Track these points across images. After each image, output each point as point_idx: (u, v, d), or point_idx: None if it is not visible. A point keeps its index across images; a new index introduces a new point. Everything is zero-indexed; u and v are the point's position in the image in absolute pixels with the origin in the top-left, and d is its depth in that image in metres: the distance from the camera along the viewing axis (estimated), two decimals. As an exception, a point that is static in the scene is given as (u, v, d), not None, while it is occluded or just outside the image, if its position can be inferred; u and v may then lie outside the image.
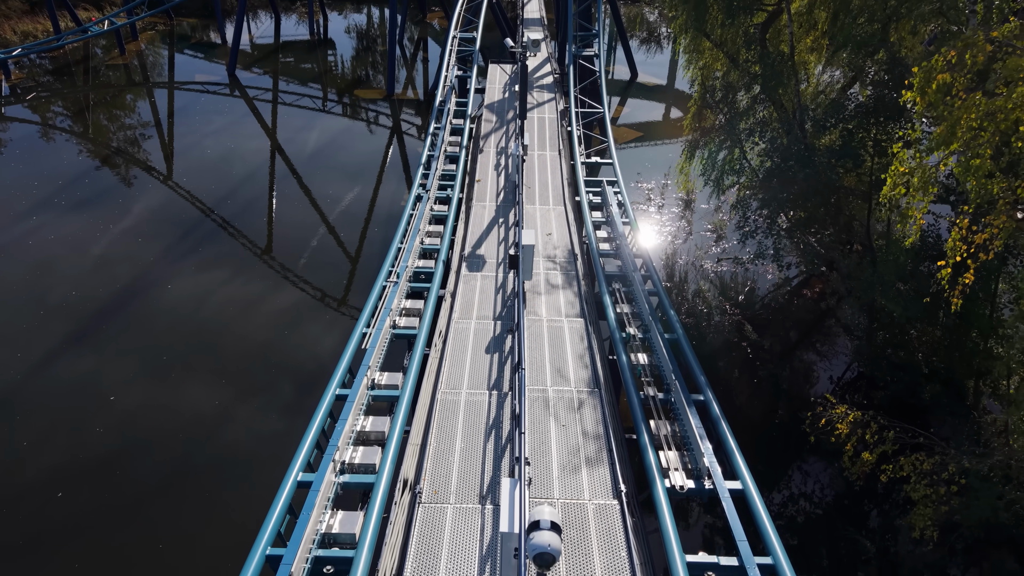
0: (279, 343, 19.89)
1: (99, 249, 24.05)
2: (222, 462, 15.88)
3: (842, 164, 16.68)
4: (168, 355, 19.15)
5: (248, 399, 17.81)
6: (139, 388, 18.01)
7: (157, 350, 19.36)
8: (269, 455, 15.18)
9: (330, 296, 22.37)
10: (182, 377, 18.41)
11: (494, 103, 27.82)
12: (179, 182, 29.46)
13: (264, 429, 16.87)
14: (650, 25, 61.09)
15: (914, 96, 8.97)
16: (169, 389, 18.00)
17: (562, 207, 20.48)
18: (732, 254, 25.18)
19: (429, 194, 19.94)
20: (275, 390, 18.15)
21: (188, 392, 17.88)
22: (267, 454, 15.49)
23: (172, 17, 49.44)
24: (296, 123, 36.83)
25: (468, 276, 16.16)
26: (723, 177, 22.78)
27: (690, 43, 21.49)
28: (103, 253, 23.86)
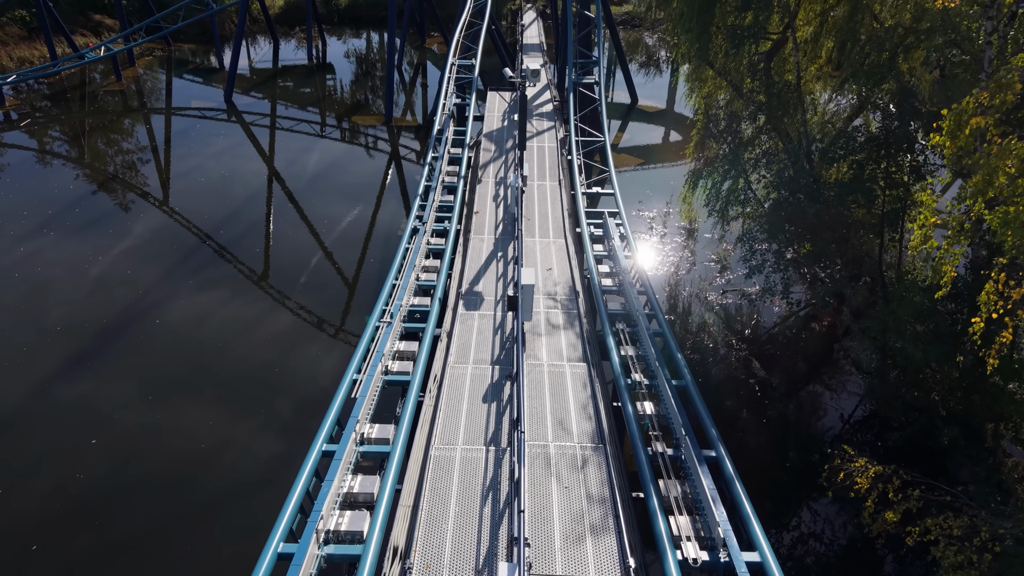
0: (278, 363, 19.59)
1: (92, 275, 23.48)
2: (215, 499, 15.24)
3: (853, 199, 16.10)
4: (167, 376, 18.87)
5: (246, 420, 17.45)
6: (135, 412, 17.61)
7: (156, 371, 19.12)
8: (266, 477, 15.37)
9: (330, 316, 22.10)
10: (180, 399, 18.07)
11: (493, 131, 27.35)
12: (176, 207, 29.07)
13: (263, 450, 16.57)
14: (649, 49, 61.02)
15: (943, 140, 8.38)
16: (167, 411, 17.69)
17: (563, 240, 19.87)
18: (737, 286, 24.54)
19: (426, 227, 19.34)
20: (273, 411, 17.79)
21: (185, 414, 17.60)
22: (265, 475, 15.54)
23: (170, 43, 49.31)
24: (294, 148, 36.40)
25: (465, 315, 15.48)
26: (728, 208, 22.22)
27: (693, 71, 21.01)
28: (98, 278, 23.34)
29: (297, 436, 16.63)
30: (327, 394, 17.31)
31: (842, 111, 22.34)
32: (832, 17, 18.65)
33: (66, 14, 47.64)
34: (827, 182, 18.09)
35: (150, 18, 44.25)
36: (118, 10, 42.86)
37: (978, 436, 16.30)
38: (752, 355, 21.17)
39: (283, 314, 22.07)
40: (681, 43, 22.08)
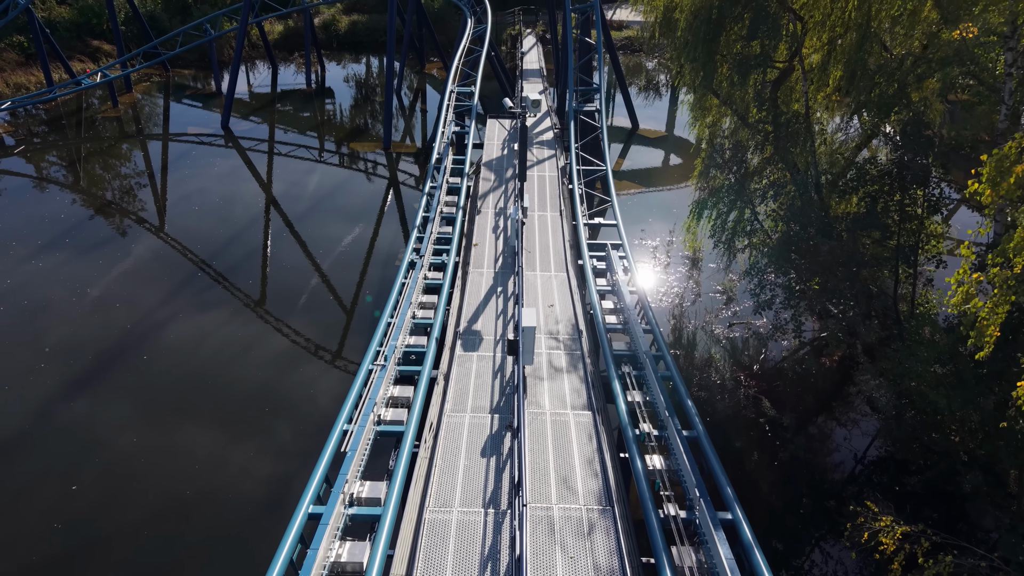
0: (277, 384, 19.57)
1: (92, 296, 22.92)
2: (211, 525, 14.96)
3: (867, 234, 15.47)
4: (164, 397, 18.77)
5: (244, 441, 17.37)
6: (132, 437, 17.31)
7: (153, 392, 19.02)
8: (264, 500, 15.40)
9: (330, 336, 22.07)
10: (178, 420, 17.99)
11: (492, 160, 26.82)
12: (171, 232, 28.78)
13: (261, 472, 16.41)
14: (649, 73, 60.93)
15: (983, 188, 7.74)
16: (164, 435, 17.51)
17: (564, 273, 19.20)
18: (744, 318, 23.85)
19: (423, 260, 18.70)
20: (271, 432, 17.74)
21: (183, 435, 17.49)
22: (262, 498, 15.52)
23: (168, 68, 49.09)
24: (292, 173, 35.95)
25: (463, 356, 14.75)
26: (734, 239, 21.61)
27: (697, 101, 20.50)
28: (97, 299, 22.91)
29: (294, 459, 16.61)
30: (326, 416, 17.55)
31: (850, 140, 21.81)
32: (840, 45, 18.16)
33: (64, 40, 47.53)
34: (838, 215, 17.48)
35: (148, 44, 44.05)
36: (116, 36, 42.64)
37: (1002, 482, 15.52)
38: (761, 392, 20.40)
39: (282, 335, 21.93)
40: (684, 70, 21.62)
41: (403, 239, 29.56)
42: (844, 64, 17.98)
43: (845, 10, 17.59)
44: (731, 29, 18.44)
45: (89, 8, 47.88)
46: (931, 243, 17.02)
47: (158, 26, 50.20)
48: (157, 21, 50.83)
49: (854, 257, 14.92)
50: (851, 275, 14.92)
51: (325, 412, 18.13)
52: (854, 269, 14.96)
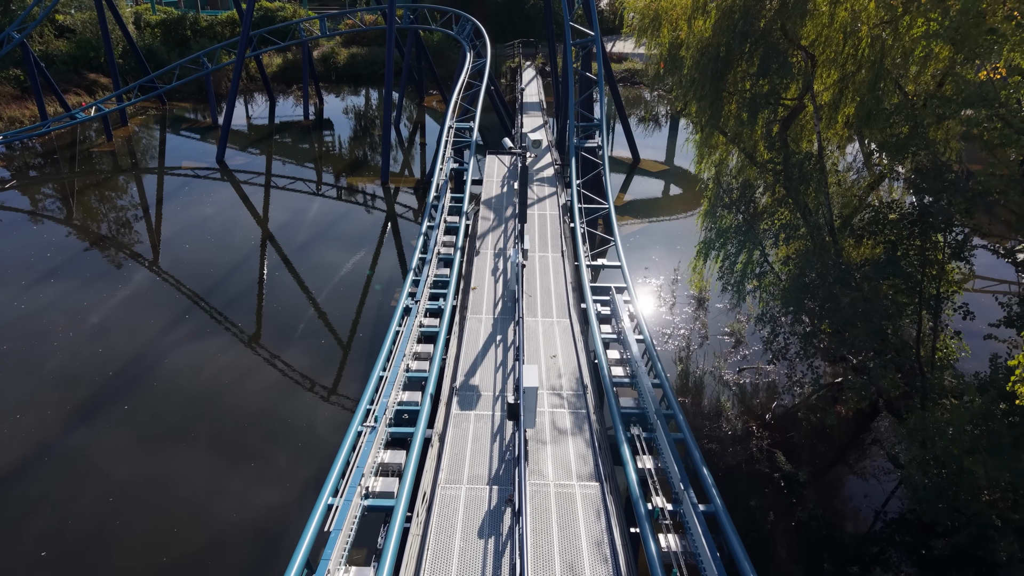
0: (274, 411, 19.46)
1: (93, 323, 21.95)
2: None
3: (890, 284, 14.59)
4: (161, 425, 18.71)
5: (241, 468, 17.25)
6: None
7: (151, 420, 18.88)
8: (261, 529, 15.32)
9: (328, 364, 21.89)
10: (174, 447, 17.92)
11: (492, 198, 26.08)
12: (165, 264, 28.54)
13: (257, 500, 16.23)
14: (648, 104, 60.78)
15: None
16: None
17: (567, 319, 18.29)
18: (754, 362, 22.88)
19: (419, 306, 17.80)
20: (268, 459, 17.60)
21: (179, 462, 17.50)
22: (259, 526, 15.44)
23: (165, 102, 48.73)
24: (289, 207, 35.43)
25: (460, 416, 13.77)
26: (744, 282, 20.73)
27: (703, 138, 19.78)
28: (97, 326, 21.88)
29: (292, 486, 16.66)
30: (323, 443, 17.86)
31: (863, 178, 21.06)
32: (852, 83, 17.48)
33: (61, 73, 47.27)
34: (855, 261, 16.60)
35: (144, 78, 43.71)
36: (111, 70, 42.30)
37: (1039, 548, 14.42)
38: (775, 444, 19.35)
39: (278, 364, 21.75)
40: (690, 108, 20.94)
41: (400, 272, 28.93)
42: (858, 103, 17.28)
43: (858, 47, 16.94)
44: (739, 66, 17.77)
45: (87, 42, 47.68)
46: (951, 289, 16.16)
47: (156, 59, 49.99)
48: (155, 54, 50.65)
49: (877, 309, 14.02)
50: (874, 328, 14.00)
51: (322, 438, 18.26)
52: (877, 322, 14.05)
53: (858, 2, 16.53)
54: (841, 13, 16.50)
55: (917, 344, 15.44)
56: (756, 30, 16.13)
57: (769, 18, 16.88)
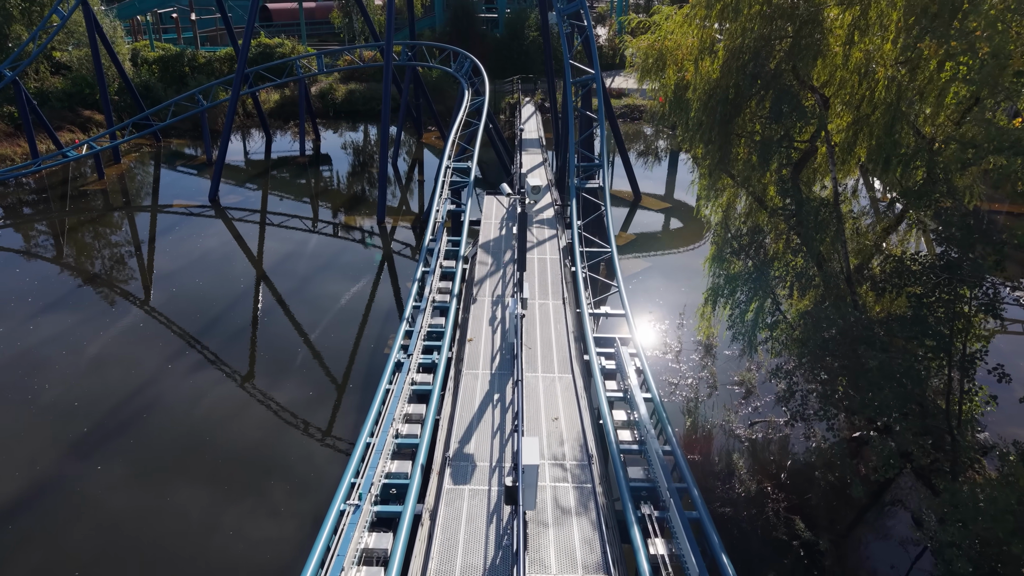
0: (270, 444, 19.67)
1: (90, 353, 20.74)
2: None
3: (920, 342, 13.53)
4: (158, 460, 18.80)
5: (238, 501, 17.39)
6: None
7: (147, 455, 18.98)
8: None
9: (324, 397, 22.13)
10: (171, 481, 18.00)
11: (490, 241, 25.14)
12: (157, 305, 28.00)
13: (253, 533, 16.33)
14: (647, 139, 60.53)
15: None
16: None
17: (569, 375, 17.18)
18: (766, 414, 21.71)
19: (411, 360, 16.69)
20: (264, 491, 17.78)
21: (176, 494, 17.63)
22: None
23: (160, 139, 48.20)
24: (283, 246, 34.74)
25: (453, 492, 12.57)
26: (755, 333, 19.68)
27: (711, 182, 18.91)
28: (95, 356, 20.58)
29: (289, 518, 16.83)
30: (320, 475, 18.20)
31: (878, 222, 20.12)
32: (867, 126, 16.62)
33: (56, 110, 46.81)
34: (877, 315, 15.56)
35: (138, 115, 43.20)
36: (104, 107, 41.77)
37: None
38: (791, 506, 18.09)
39: (274, 396, 21.81)
40: (696, 150, 20.11)
41: (397, 308, 28.33)
42: (873, 147, 16.39)
43: (873, 89, 16.11)
44: (749, 107, 16.94)
45: (82, 78, 47.31)
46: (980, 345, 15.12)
47: (152, 95, 49.62)
48: (152, 91, 50.30)
49: (908, 373, 12.93)
50: (906, 394, 12.90)
51: (319, 469, 18.72)
52: (910, 388, 12.95)
53: (872, 42, 15.76)
54: (855, 54, 15.71)
55: (947, 406, 14.32)
56: (767, 71, 15.32)
57: (779, 59, 16.10)
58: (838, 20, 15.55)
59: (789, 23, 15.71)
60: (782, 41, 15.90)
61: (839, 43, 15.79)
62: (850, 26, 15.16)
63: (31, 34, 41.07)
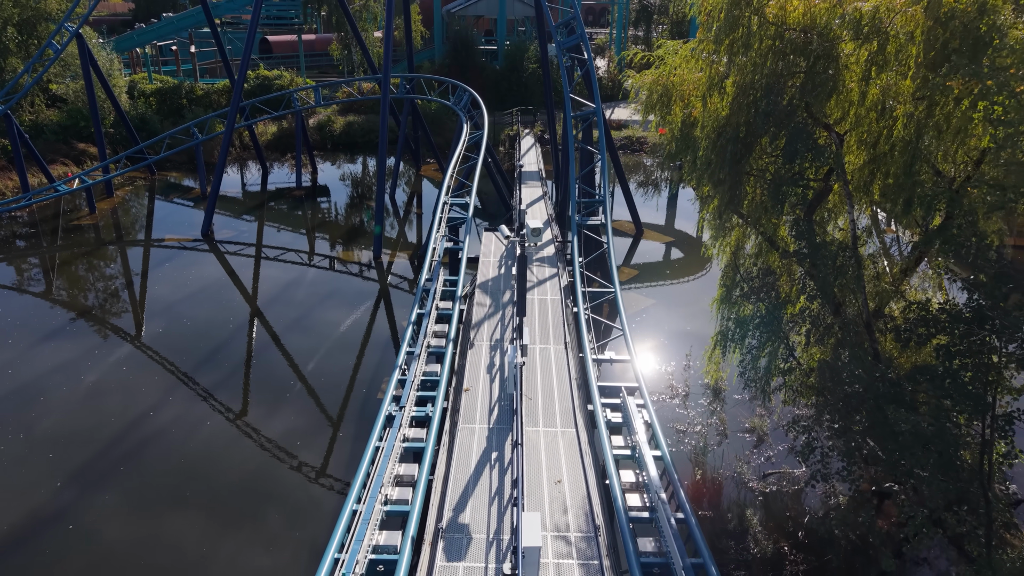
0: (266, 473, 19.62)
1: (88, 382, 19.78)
2: None
3: (955, 403, 12.49)
4: None
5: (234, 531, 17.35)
6: None
7: None
8: None
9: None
10: None
11: (488, 280, 24.21)
12: (149, 342, 27.34)
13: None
14: (647, 169, 60.21)
15: None
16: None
17: (572, 429, 16.10)
18: (779, 465, 20.57)
19: (403, 413, 15.64)
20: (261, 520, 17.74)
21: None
22: None
23: (154, 172, 47.58)
24: (277, 282, 33.85)
25: (446, 570, 11.44)
26: (768, 379, 18.65)
27: (721, 223, 18.03)
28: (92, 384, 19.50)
29: (284, 547, 16.81)
30: (317, 504, 18.29)
31: (894, 264, 19.20)
32: (884, 165, 15.78)
33: (50, 143, 46.23)
34: (901, 366, 14.53)
35: (132, 148, 42.61)
36: (98, 140, 41.22)
37: None
38: (811, 569, 16.89)
39: (272, 425, 21.78)
40: (702, 186, 19.25)
41: (392, 346, 27.40)
42: (892, 187, 15.53)
43: (891, 127, 15.29)
44: (760, 144, 16.11)
45: (77, 111, 46.84)
46: (1008, 395, 14.06)
47: (148, 128, 49.09)
48: (148, 123, 49.80)
49: (941, 436, 11.87)
50: (944, 463, 11.83)
51: (315, 499, 18.76)
52: (947, 454, 11.88)
53: (890, 78, 14.98)
54: (872, 90, 14.92)
55: (981, 470, 13.22)
56: (780, 109, 14.51)
57: (792, 95, 15.32)
58: (853, 56, 14.79)
59: (802, 58, 14.96)
60: (795, 77, 15.13)
61: (855, 79, 15.01)
62: (867, 62, 14.39)
63: (25, 67, 40.65)
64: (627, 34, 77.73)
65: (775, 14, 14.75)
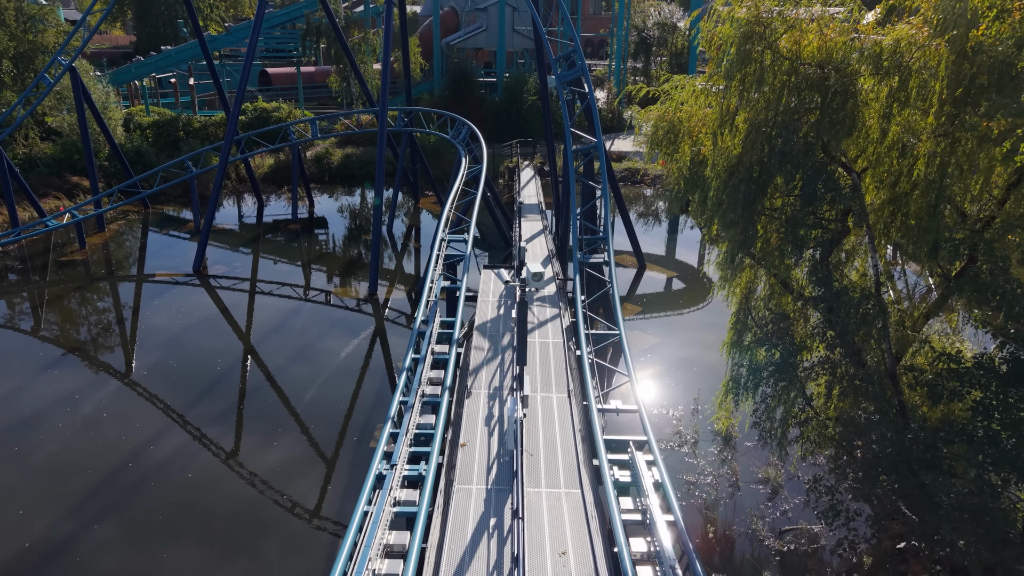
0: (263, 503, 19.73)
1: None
2: None
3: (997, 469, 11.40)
4: None
5: None
6: None
7: None
8: None
9: None
10: None
11: (487, 322, 23.21)
12: (137, 379, 26.73)
13: None
14: (647, 200, 59.71)
15: None
16: None
17: (577, 490, 14.95)
18: (795, 520, 19.33)
19: (395, 472, 14.49)
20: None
21: None
22: None
23: (148, 205, 46.85)
24: (271, 319, 33.07)
25: (439, 661, 10.26)
26: (785, 432, 17.54)
27: (736, 266, 17.07)
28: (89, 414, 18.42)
29: None
30: (314, 534, 18.58)
31: (915, 307, 18.20)
32: (905, 206, 14.88)
33: (43, 176, 45.60)
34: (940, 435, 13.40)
35: (125, 182, 41.94)
36: (90, 174, 40.53)
37: None
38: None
39: (267, 457, 21.79)
40: (710, 227, 18.34)
41: (388, 384, 26.53)
42: (914, 229, 14.61)
43: (913, 165, 14.42)
44: (774, 183, 15.23)
45: (72, 144, 46.26)
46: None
47: (144, 161, 48.52)
48: (144, 156, 49.25)
49: (990, 513, 10.77)
50: (992, 540, 10.73)
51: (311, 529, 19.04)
52: (993, 530, 10.77)
53: (912, 115, 14.15)
54: (893, 127, 14.09)
55: None
56: (797, 148, 13.65)
57: (807, 131, 14.49)
58: (873, 92, 13.99)
59: (817, 94, 14.14)
60: (810, 114, 14.30)
61: (874, 116, 14.19)
62: (888, 98, 13.58)
63: (17, 100, 40.14)
64: (626, 66, 77.77)
65: (789, 48, 13.98)
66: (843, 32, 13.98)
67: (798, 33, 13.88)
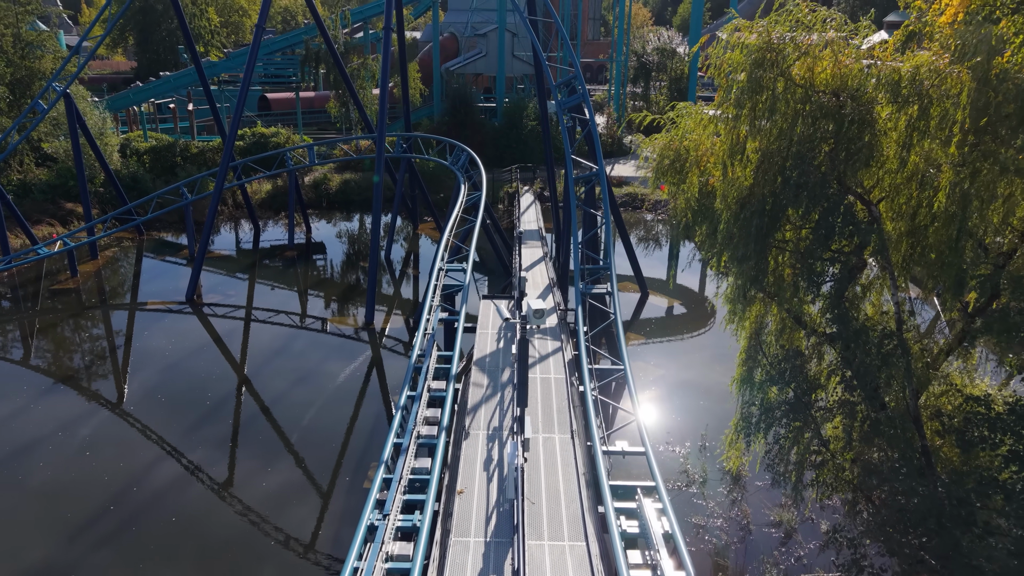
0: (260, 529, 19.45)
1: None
2: None
3: None
4: None
5: None
6: None
7: None
8: None
9: None
10: None
11: (486, 357, 22.36)
12: (127, 410, 26.18)
13: None
14: (647, 224, 59.25)
15: None
16: None
17: (582, 542, 14.00)
18: (811, 566, 18.33)
19: (387, 523, 13.55)
20: None
21: None
22: None
23: (143, 232, 46.22)
24: (265, 349, 32.22)
25: None
26: (801, 476, 16.64)
27: (746, 301, 16.31)
28: None
29: None
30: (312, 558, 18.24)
31: (936, 340, 17.37)
32: (924, 239, 14.16)
33: (37, 202, 45.05)
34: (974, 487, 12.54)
35: (119, 209, 41.36)
36: (83, 201, 39.96)
37: None
38: None
39: (263, 483, 21.59)
40: (719, 259, 17.61)
41: (385, 418, 25.77)
42: (936, 263, 13.87)
43: (933, 197, 13.72)
44: (787, 215, 14.52)
45: (67, 170, 45.75)
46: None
47: (140, 187, 48.00)
48: (139, 182, 48.75)
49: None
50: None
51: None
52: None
53: (931, 145, 13.49)
54: (912, 158, 13.41)
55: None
56: (813, 180, 12.96)
57: (822, 161, 13.81)
58: (891, 121, 13.33)
59: (832, 123, 13.48)
60: (825, 143, 13.63)
61: (892, 146, 13.52)
62: (907, 127, 12.92)
63: (10, 126, 39.71)
64: (626, 91, 77.75)
65: (802, 75, 13.34)
66: (858, 58, 13.37)
67: (811, 60, 13.26)
